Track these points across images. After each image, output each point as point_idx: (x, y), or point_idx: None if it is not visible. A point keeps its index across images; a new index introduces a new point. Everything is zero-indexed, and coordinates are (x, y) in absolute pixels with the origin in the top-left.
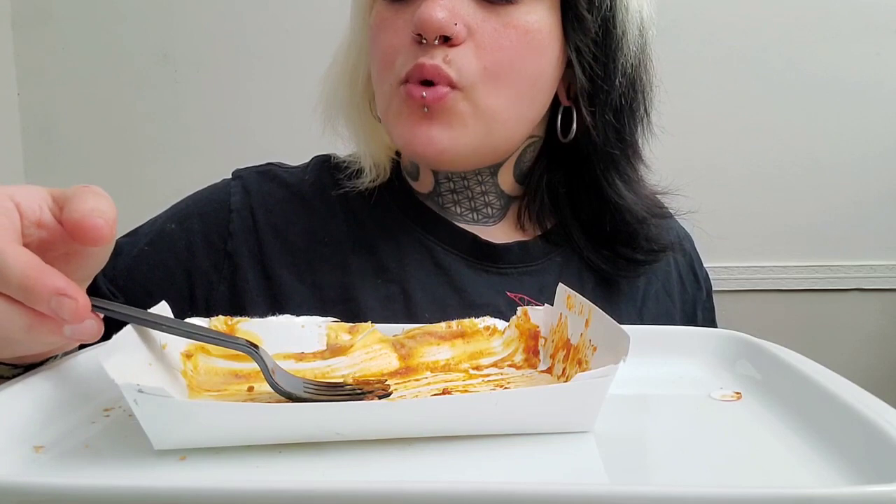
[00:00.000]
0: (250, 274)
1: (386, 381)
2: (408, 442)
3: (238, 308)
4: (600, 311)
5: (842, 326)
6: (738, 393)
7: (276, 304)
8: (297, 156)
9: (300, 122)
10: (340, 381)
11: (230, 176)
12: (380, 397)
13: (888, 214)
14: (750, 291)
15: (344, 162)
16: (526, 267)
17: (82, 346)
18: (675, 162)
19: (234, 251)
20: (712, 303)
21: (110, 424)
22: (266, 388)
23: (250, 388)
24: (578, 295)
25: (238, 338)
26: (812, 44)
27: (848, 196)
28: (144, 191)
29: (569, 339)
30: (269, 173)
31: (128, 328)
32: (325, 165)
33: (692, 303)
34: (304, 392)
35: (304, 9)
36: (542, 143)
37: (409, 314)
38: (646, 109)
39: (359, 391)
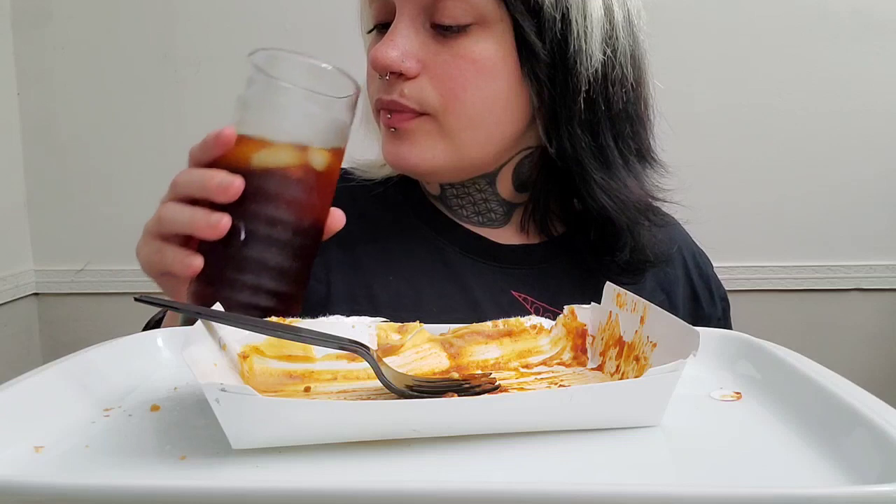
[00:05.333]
0: None
1: (491, 374)
2: (468, 439)
3: None
4: (657, 307)
5: (842, 326)
6: (738, 393)
7: None
8: None
9: None
10: (445, 377)
11: None
12: (487, 391)
13: (888, 214)
14: (750, 291)
15: (362, 163)
16: (530, 269)
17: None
18: (675, 162)
19: None
20: (728, 323)
21: (110, 424)
22: (323, 388)
23: (307, 389)
24: (630, 293)
25: (346, 339)
26: (812, 43)
27: (848, 196)
28: (144, 191)
29: (621, 337)
30: None
31: (195, 330)
32: None
33: (706, 320)
34: (413, 390)
35: (305, 9)
36: (543, 153)
37: (417, 312)
38: (631, 113)
39: (467, 385)
